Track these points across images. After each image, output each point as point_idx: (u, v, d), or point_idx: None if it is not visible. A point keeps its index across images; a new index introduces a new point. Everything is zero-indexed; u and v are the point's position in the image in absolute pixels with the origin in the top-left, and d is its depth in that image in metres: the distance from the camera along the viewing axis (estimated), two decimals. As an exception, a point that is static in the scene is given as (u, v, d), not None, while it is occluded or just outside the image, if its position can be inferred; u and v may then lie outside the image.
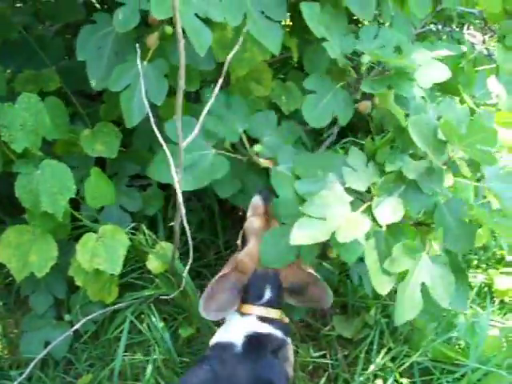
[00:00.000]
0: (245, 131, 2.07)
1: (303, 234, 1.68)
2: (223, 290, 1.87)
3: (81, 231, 2.31)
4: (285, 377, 1.82)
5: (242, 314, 1.88)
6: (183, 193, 1.74)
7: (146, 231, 2.33)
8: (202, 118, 1.66)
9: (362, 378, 2.34)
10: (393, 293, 2.67)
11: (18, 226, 2.13)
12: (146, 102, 1.67)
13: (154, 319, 2.45)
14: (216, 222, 2.83)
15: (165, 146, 1.62)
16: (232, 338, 1.82)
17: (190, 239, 1.86)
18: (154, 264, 2.33)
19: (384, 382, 2.30)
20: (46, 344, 2.50)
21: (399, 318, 1.68)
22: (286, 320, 1.96)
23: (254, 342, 1.81)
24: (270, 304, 1.88)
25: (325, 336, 2.62)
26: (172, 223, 2.33)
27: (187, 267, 2.01)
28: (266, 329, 1.84)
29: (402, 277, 1.73)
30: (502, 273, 2.88)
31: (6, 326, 2.79)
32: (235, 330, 1.85)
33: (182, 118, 1.57)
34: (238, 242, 2.05)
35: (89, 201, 2.09)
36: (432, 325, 2.52)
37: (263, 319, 1.86)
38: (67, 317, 2.57)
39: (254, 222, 2.00)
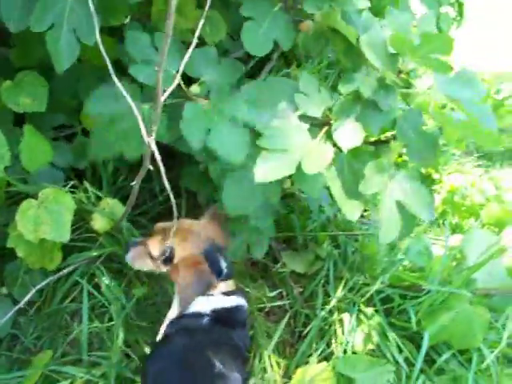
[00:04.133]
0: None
1: (267, 170, 1.55)
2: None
3: (14, 199, 2.08)
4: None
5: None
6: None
7: (90, 188, 2.11)
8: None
9: (323, 313, 2.29)
10: (343, 224, 2.68)
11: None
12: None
13: (104, 279, 2.26)
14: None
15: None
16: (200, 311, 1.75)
17: (172, 198, 1.62)
18: (99, 223, 2.14)
19: (349, 314, 2.25)
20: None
21: (384, 238, 1.62)
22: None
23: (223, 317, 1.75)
24: (228, 276, 1.83)
25: (277, 274, 2.56)
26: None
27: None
28: (232, 302, 1.79)
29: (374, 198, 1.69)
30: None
31: None
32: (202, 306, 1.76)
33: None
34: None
35: (26, 163, 1.83)
36: (381, 250, 2.52)
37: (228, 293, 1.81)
38: (3, 289, 2.33)
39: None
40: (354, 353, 2.17)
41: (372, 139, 1.94)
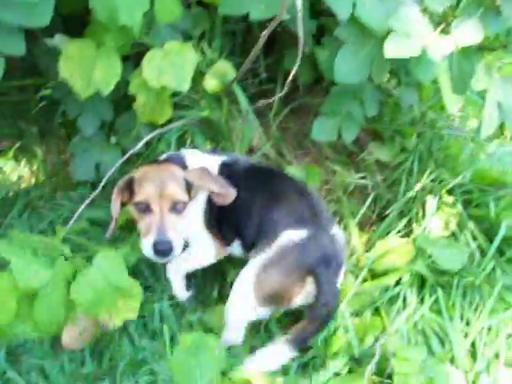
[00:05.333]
0: None
1: (395, 48, 1.72)
2: None
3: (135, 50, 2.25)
4: None
5: None
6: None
7: (208, 50, 2.28)
8: None
9: (405, 198, 2.48)
10: (430, 123, 2.81)
11: (79, 40, 2.04)
12: None
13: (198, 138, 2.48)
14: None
15: None
16: None
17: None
18: (211, 83, 2.31)
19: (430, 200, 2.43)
20: (97, 166, 2.55)
21: (484, 132, 1.80)
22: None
23: None
24: None
25: (363, 161, 2.73)
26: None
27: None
28: None
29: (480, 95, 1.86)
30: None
31: (50, 150, 2.80)
32: None
33: None
34: None
35: (159, 16, 2.00)
36: (465, 151, 2.68)
37: None
38: (113, 139, 2.58)
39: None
40: (431, 236, 2.37)
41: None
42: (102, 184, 2.20)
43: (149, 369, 1.93)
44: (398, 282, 2.18)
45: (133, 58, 2.27)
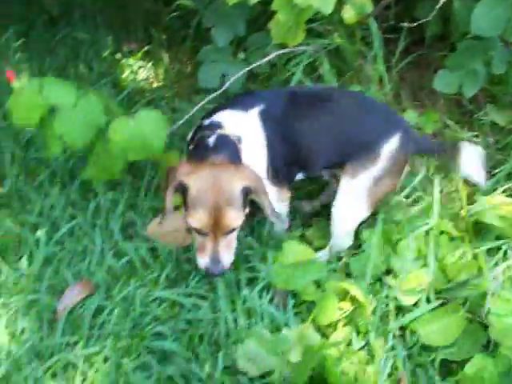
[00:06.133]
0: None
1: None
2: None
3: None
4: None
5: None
6: None
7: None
8: None
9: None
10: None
11: None
12: None
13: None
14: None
15: None
16: None
17: None
18: (349, 13, 2.36)
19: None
20: (222, 77, 2.67)
21: None
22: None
23: None
24: None
25: (477, 121, 2.73)
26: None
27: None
28: None
29: None
30: None
31: (175, 58, 2.95)
32: None
33: None
34: None
35: None
36: None
37: None
38: (241, 54, 2.69)
39: None
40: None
41: None
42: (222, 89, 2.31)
43: (251, 266, 2.06)
44: (498, 237, 2.20)
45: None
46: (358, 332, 1.89)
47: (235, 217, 1.75)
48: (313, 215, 2.41)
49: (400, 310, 1.97)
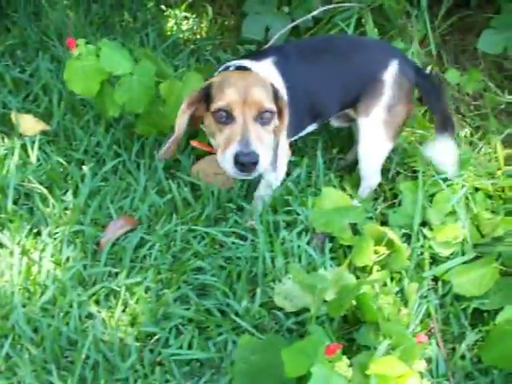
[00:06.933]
0: None
1: None
2: None
3: None
4: None
5: None
6: None
7: None
8: None
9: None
10: None
11: None
12: None
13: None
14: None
15: None
16: None
17: None
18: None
19: None
20: (266, 29, 2.69)
21: None
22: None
23: None
24: None
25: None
26: None
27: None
28: None
29: None
30: None
31: (219, 11, 2.98)
32: None
33: None
34: None
35: None
36: None
37: None
38: (285, 8, 2.70)
39: None
40: None
41: None
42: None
43: (289, 210, 2.11)
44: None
45: None
46: (391, 279, 1.93)
47: (266, 97, 1.69)
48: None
49: (434, 260, 2.01)
